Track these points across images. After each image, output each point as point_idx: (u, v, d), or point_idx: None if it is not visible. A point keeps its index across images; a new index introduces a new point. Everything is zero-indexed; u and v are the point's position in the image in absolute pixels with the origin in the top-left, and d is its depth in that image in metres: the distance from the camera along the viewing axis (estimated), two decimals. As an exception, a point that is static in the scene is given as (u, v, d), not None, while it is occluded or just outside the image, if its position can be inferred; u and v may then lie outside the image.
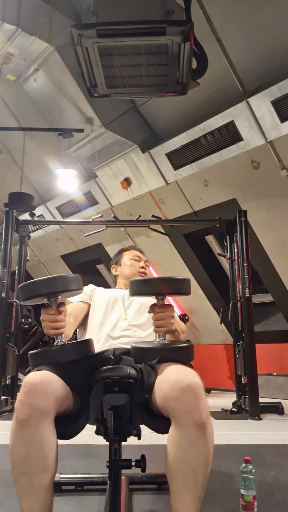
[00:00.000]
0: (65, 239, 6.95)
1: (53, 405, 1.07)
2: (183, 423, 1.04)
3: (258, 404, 3.64)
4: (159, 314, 1.25)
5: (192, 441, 1.03)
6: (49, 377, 1.11)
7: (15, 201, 5.67)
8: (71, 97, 4.54)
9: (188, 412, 1.03)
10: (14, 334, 4.05)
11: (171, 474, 1.05)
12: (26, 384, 1.07)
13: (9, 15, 3.86)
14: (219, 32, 3.80)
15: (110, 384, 1.16)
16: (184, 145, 4.48)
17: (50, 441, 1.06)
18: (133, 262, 1.89)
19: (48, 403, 1.06)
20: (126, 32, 1.95)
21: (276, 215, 4.53)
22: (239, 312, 3.99)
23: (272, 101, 3.70)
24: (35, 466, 1.03)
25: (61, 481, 1.72)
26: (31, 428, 1.03)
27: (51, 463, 1.05)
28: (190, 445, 1.03)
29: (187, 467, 1.02)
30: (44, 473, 1.04)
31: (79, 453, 2.30)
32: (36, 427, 1.03)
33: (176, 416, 1.05)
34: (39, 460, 1.03)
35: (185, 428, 1.03)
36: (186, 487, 1.02)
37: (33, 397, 1.04)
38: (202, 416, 1.03)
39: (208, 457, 1.04)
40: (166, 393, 1.08)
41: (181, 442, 1.04)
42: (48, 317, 1.22)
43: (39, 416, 1.03)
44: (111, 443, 1.08)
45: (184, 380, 1.06)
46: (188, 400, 1.04)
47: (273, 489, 1.70)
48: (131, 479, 1.74)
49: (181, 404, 1.04)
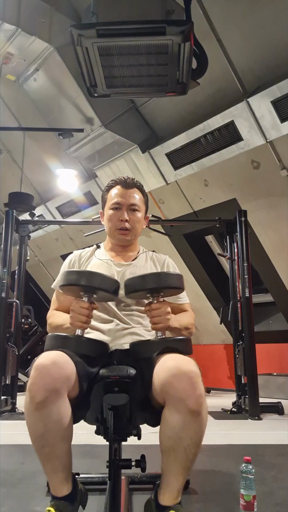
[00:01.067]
0: (65, 239, 6.95)
1: (66, 384, 1.11)
2: (178, 409, 1.07)
3: (258, 404, 3.63)
4: (155, 311, 1.24)
5: (186, 425, 1.07)
6: (62, 358, 1.13)
7: (15, 201, 5.66)
8: (71, 97, 4.54)
9: (183, 399, 1.06)
10: (14, 334, 4.05)
11: (164, 449, 1.12)
12: (39, 365, 1.09)
13: (9, 15, 3.86)
14: (219, 32, 3.80)
15: (110, 384, 1.16)
16: (184, 145, 4.48)
17: (66, 415, 1.11)
18: (112, 214, 1.49)
19: (62, 383, 1.09)
20: (126, 32, 1.95)
21: (276, 215, 4.53)
22: (239, 312, 3.99)
23: (272, 101, 3.70)
24: (55, 438, 1.10)
25: (61, 481, 1.72)
26: (48, 408, 1.07)
27: (69, 434, 1.13)
28: (183, 429, 1.07)
29: (178, 446, 1.08)
30: (65, 442, 1.12)
31: (79, 453, 2.29)
32: (53, 406, 1.07)
33: (171, 401, 1.08)
34: (59, 433, 1.09)
35: (180, 413, 1.07)
36: (176, 461, 1.10)
37: (47, 378, 1.07)
38: (197, 403, 1.06)
39: (200, 439, 1.11)
40: (162, 379, 1.10)
41: (175, 425, 1.08)
42: (81, 310, 1.22)
43: (54, 396, 1.07)
44: (111, 443, 1.08)
45: (180, 367, 1.08)
46: (183, 388, 1.06)
47: (273, 489, 1.70)
48: (131, 479, 1.74)
49: (177, 391, 1.06)
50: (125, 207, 1.47)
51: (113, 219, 1.48)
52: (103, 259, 1.52)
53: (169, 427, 1.09)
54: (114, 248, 1.56)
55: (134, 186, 1.51)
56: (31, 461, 2.11)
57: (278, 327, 5.42)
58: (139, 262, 1.53)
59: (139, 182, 1.55)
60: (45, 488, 1.72)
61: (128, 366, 1.26)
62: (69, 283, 1.23)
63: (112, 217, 1.48)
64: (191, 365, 1.10)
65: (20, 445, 2.47)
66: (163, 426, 1.11)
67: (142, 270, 1.48)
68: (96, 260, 1.52)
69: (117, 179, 1.53)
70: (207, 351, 5.98)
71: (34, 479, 1.86)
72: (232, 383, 4.83)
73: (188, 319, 1.46)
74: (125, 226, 1.47)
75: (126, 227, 1.47)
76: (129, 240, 1.53)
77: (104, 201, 1.55)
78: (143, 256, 1.58)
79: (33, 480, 1.85)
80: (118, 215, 1.47)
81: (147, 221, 1.64)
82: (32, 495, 1.66)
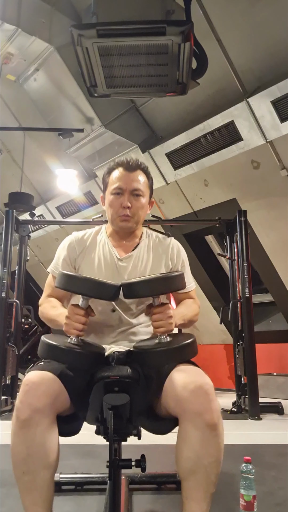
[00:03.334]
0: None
1: (54, 405, 1.07)
2: (195, 425, 1.03)
3: (258, 404, 3.63)
4: (156, 316, 1.17)
5: (205, 442, 1.03)
6: (49, 378, 1.10)
7: (15, 201, 5.67)
8: (71, 97, 4.54)
9: (200, 413, 1.03)
10: (14, 334, 4.05)
11: (183, 473, 1.05)
12: (27, 383, 1.06)
13: (9, 15, 3.86)
14: (219, 32, 3.79)
15: (110, 384, 1.15)
16: (184, 145, 4.48)
17: (51, 440, 1.06)
18: (114, 200, 1.37)
19: (49, 403, 1.05)
20: (126, 32, 1.95)
21: (276, 215, 4.53)
22: (239, 312, 3.99)
23: (272, 101, 3.69)
24: (36, 465, 1.03)
25: (61, 481, 1.72)
26: (32, 428, 1.02)
27: (52, 461, 1.06)
28: (202, 445, 1.02)
29: (198, 467, 1.03)
30: (46, 470, 1.05)
31: (79, 453, 2.29)
32: (37, 427, 1.03)
33: (188, 417, 1.04)
34: (41, 459, 1.04)
35: (198, 429, 1.03)
36: (198, 485, 1.03)
37: (33, 397, 1.04)
38: (214, 417, 1.03)
39: (220, 456, 1.06)
40: (177, 394, 1.07)
41: (193, 443, 1.03)
42: (76, 317, 1.15)
43: (39, 417, 1.03)
44: (111, 443, 1.07)
45: (195, 381, 1.06)
46: (200, 402, 1.03)
47: (273, 489, 1.70)
48: (131, 479, 1.74)
49: (194, 405, 1.03)
50: (127, 192, 1.35)
51: (115, 205, 1.36)
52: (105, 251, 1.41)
53: (187, 446, 1.04)
54: (115, 235, 1.44)
55: (138, 168, 1.38)
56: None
57: (278, 327, 5.41)
58: (140, 253, 1.41)
59: (143, 164, 1.40)
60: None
61: (128, 366, 1.25)
62: (65, 288, 1.17)
63: (113, 203, 1.36)
64: (205, 378, 1.08)
65: (20, 445, 2.46)
66: (180, 447, 1.06)
67: (143, 265, 1.39)
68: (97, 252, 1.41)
69: (119, 161, 1.40)
70: (207, 351, 5.97)
71: (34, 479, 1.86)
72: (232, 383, 4.83)
73: (193, 310, 1.39)
74: (127, 213, 1.34)
75: (128, 214, 1.35)
76: (131, 227, 1.40)
77: (105, 184, 1.42)
78: (145, 244, 1.44)
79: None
80: (120, 201, 1.35)
81: (152, 206, 1.48)
82: (32, 495, 1.66)
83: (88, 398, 1.19)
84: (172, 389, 1.10)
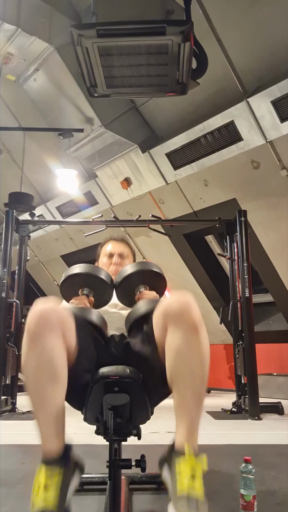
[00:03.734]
0: (65, 239, 6.95)
1: (60, 325, 1.14)
2: (177, 325, 1.12)
3: (258, 404, 3.63)
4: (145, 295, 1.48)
5: (188, 343, 1.11)
6: (61, 306, 1.22)
7: (15, 201, 5.67)
8: (71, 97, 4.54)
9: (181, 314, 1.12)
10: (14, 334, 4.05)
11: (172, 379, 1.12)
12: (38, 304, 1.14)
13: (9, 15, 3.86)
14: (219, 32, 3.80)
15: (110, 384, 1.16)
16: (184, 145, 4.48)
17: (58, 355, 1.12)
18: (106, 262, 1.79)
19: (57, 321, 1.13)
20: (126, 32, 1.95)
21: (276, 215, 4.53)
22: (239, 312, 3.99)
23: (272, 101, 3.70)
24: (46, 379, 1.09)
25: (61, 481, 1.72)
26: (41, 339, 1.09)
27: (59, 377, 1.11)
28: (186, 347, 1.10)
29: (186, 369, 1.10)
30: (54, 386, 1.10)
31: (79, 453, 2.29)
32: (46, 338, 1.10)
33: (171, 320, 1.14)
34: (50, 374, 1.09)
35: (180, 330, 1.11)
36: (185, 386, 1.10)
37: (44, 313, 1.12)
38: (194, 318, 1.12)
39: (204, 359, 1.12)
40: (162, 309, 1.19)
41: (178, 347, 1.11)
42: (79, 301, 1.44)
43: (49, 330, 1.10)
44: (111, 443, 1.08)
45: (176, 294, 1.18)
46: (181, 305, 1.14)
47: (273, 489, 1.70)
48: (131, 479, 1.74)
49: (174, 308, 1.14)
50: (116, 254, 1.79)
51: (107, 264, 1.77)
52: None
53: (173, 352, 1.12)
54: None
55: (123, 240, 1.86)
56: (31, 461, 2.11)
57: (278, 327, 5.42)
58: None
59: (126, 237, 1.91)
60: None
61: (128, 366, 1.25)
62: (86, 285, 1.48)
63: (106, 264, 1.78)
64: (187, 293, 1.19)
65: (20, 445, 2.47)
66: (168, 355, 1.14)
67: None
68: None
69: (108, 237, 1.87)
70: (207, 351, 5.98)
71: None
72: (232, 383, 4.83)
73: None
74: (114, 269, 1.74)
75: (117, 269, 1.74)
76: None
77: (98, 253, 1.87)
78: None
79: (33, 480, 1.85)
80: (110, 261, 1.78)
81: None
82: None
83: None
84: (158, 310, 1.21)
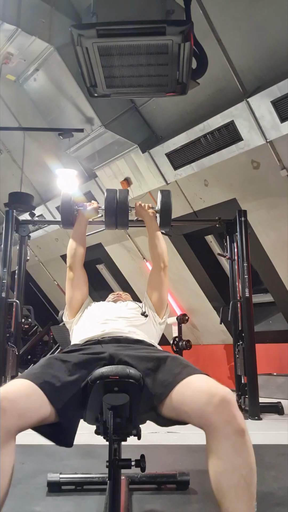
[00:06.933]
0: (65, 239, 6.94)
1: (16, 423, 1.05)
2: (226, 434, 1.03)
3: (258, 404, 3.63)
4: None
5: (238, 450, 1.02)
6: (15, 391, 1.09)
7: (15, 201, 5.67)
8: (71, 97, 4.54)
9: (229, 422, 1.03)
10: (14, 334, 4.05)
11: (222, 488, 1.00)
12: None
13: (9, 15, 3.86)
14: (219, 32, 3.79)
15: (109, 384, 1.15)
16: (184, 145, 4.48)
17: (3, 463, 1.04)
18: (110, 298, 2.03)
19: (8, 423, 1.04)
20: (126, 32, 1.95)
21: (276, 215, 4.53)
22: (239, 312, 3.99)
23: (272, 101, 3.69)
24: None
25: (61, 481, 1.72)
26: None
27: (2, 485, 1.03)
28: (236, 454, 1.01)
29: (237, 478, 1.00)
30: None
31: (79, 453, 2.29)
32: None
33: (217, 428, 1.04)
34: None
35: (229, 438, 1.03)
36: (240, 499, 0.99)
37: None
38: (241, 423, 1.04)
39: (254, 464, 1.03)
40: (201, 407, 1.06)
41: (228, 454, 1.02)
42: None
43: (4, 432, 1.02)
44: (111, 443, 1.08)
45: (218, 392, 1.06)
46: (228, 411, 1.04)
47: (273, 489, 1.70)
48: (131, 479, 1.74)
49: (222, 415, 1.04)
50: (117, 292, 2.09)
51: (110, 299, 2.01)
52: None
53: (221, 458, 1.02)
54: None
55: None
56: (31, 461, 2.11)
57: (278, 327, 5.41)
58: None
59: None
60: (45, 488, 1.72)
61: (128, 366, 1.25)
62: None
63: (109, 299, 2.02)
64: (225, 387, 1.09)
65: (20, 445, 2.45)
66: (214, 462, 1.03)
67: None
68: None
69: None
70: (207, 351, 5.97)
71: (34, 479, 1.86)
72: (232, 383, 4.83)
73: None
74: (117, 297, 1.99)
75: (118, 298, 2.00)
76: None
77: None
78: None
79: (33, 480, 1.85)
80: (112, 298, 2.04)
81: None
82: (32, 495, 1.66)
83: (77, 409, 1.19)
84: (192, 400, 1.10)
